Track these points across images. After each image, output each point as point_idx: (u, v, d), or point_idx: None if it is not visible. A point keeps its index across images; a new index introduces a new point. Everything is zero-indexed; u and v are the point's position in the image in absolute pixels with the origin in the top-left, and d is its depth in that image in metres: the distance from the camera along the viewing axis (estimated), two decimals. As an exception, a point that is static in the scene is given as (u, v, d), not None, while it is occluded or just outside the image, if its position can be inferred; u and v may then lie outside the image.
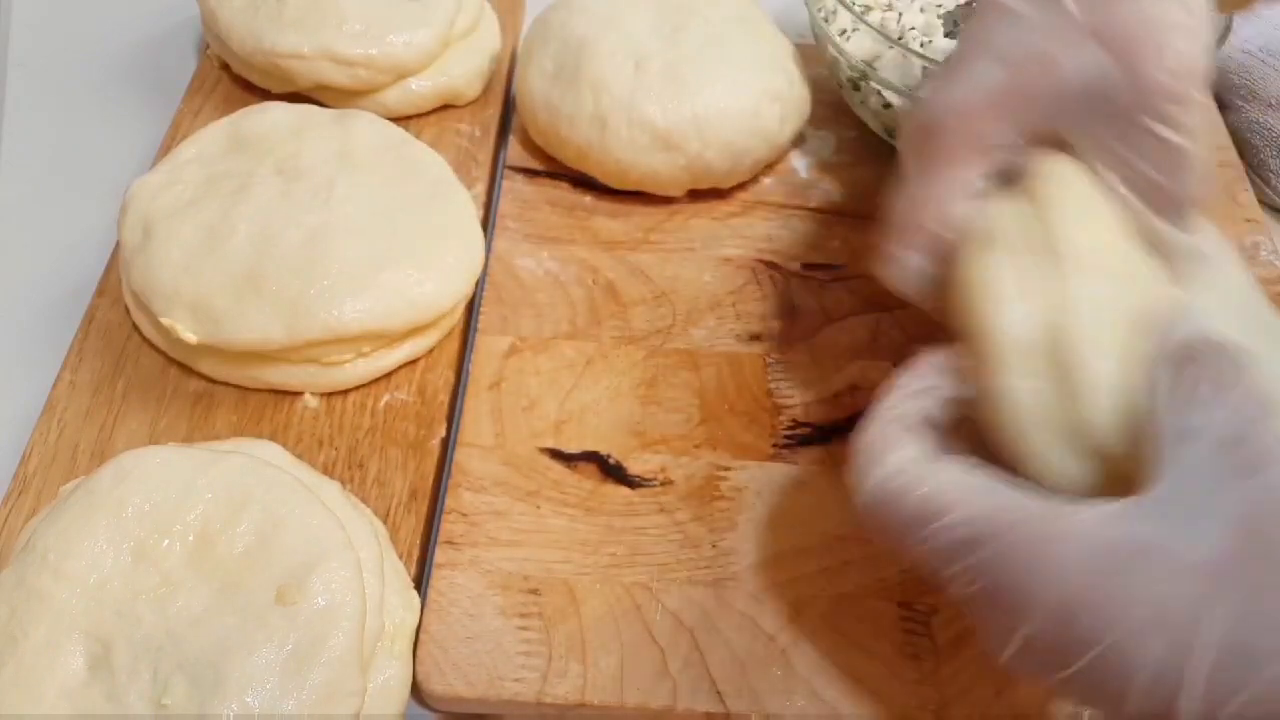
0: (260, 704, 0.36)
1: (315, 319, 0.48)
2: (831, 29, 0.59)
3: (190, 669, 0.37)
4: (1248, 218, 0.61)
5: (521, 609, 0.45)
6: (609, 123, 0.57)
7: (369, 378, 0.51)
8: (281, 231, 0.49)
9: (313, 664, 0.37)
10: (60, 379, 0.51)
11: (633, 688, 0.43)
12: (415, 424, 0.50)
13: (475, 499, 0.48)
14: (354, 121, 0.55)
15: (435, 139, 0.63)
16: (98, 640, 0.38)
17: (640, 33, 0.60)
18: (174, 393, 0.51)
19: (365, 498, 0.48)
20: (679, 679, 0.43)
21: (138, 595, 0.38)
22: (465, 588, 0.45)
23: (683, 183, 0.59)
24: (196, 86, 0.66)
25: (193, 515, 0.40)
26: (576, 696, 0.42)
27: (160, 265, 0.49)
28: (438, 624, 0.44)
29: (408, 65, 0.61)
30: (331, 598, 0.39)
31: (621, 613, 0.45)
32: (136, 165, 0.63)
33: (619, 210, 0.60)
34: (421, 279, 0.50)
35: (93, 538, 0.39)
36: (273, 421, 0.50)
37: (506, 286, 0.56)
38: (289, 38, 0.60)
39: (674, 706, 0.42)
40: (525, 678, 0.43)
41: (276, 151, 0.53)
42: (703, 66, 0.58)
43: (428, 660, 0.43)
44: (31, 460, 0.48)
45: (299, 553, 0.39)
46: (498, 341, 0.54)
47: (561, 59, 0.60)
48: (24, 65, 0.70)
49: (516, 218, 0.60)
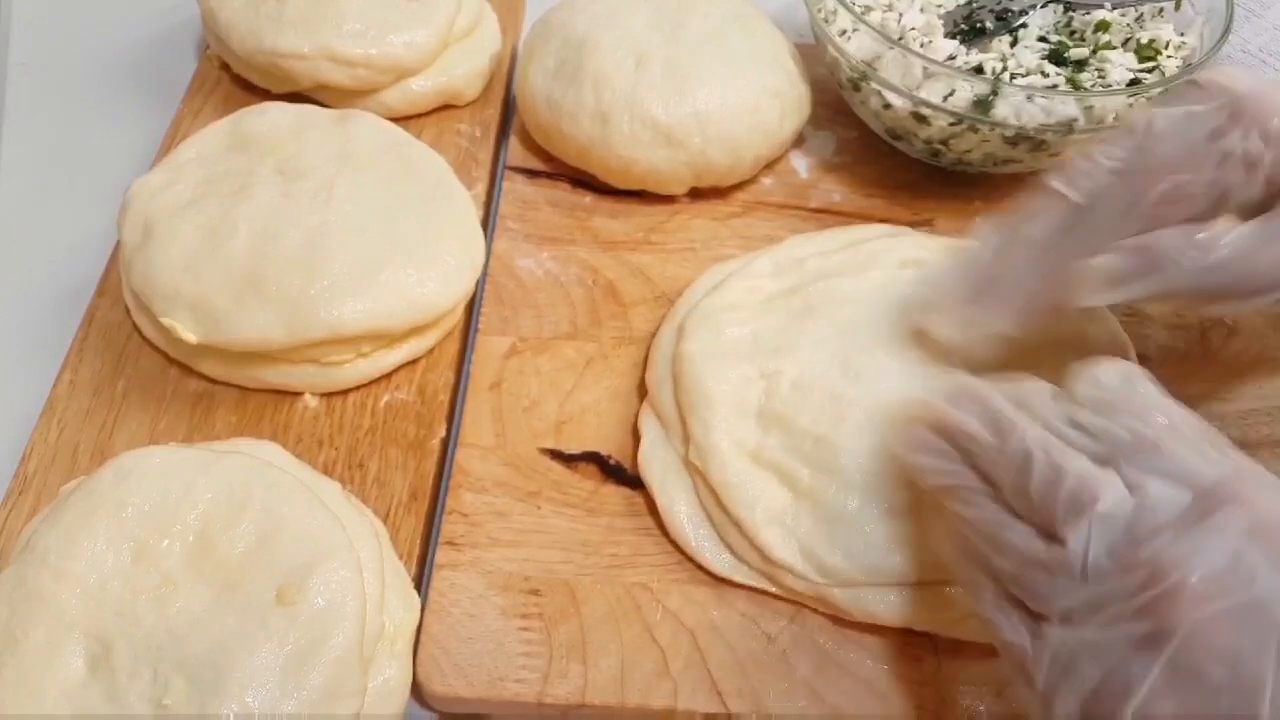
0: (260, 704, 0.36)
1: (315, 319, 0.48)
2: (832, 29, 0.59)
3: (190, 669, 0.37)
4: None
5: (522, 609, 0.45)
6: (611, 119, 0.57)
7: (369, 378, 0.51)
8: (282, 231, 0.49)
9: (313, 664, 0.37)
10: (60, 379, 0.51)
11: (633, 688, 0.43)
12: (415, 424, 0.50)
13: (476, 499, 0.48)
14: (354, 121, 0.55)
15: (435, 139, 0.63)
16: (98, 640, 0.38)
17: (640, 29, 0.60)
18: (174, 393, 0.51)
19: (365, 498, 0.48)
20: (680, 679, 0.43)
21: (138, 595, 0.38)
22: (466, 588, 0.45)
23: (684, 180, 0.59)
24: (196, 86, 0.66)
25: (193, 515, 0.40)
26: (577, 697, 0.42)
27: (160, 265, 0.49)
28: (438, 624, 0.44)
29: (408, 65, 0.61)
30: (331, 598, 0.39)
31: (622, 613, 0.45)
32: (136, 165, 0.63)
33: (619, 210, 0.60)
34: (421, 279, 0.50)
35: (93, 538, 0.39)
36: (273, 421, 0.50)
37: (507, 287, 0.56)
38: (289, 38, 0.60)
39: (675, 707, 0.42)
40: (526, 678, 0.43)
41: (276, 151, 0.53)
42: (703, 63, 0.58)
43: (428, 661, 0.43)
44: (31, 460, 0.48)
45: (299, 553, 0.39)
46: (498, 342, 0.54)
47: (563, 56, 0.60)
48: (24, 65, 0.70)
49: (517, 218, 0.60)
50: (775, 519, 0.45)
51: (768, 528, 0.45)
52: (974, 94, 0.55)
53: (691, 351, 0.49)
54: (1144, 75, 0.57)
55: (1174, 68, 0.57)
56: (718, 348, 0.50)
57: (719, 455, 0.47)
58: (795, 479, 0.46)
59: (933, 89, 0.56)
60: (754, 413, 0.48)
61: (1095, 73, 0.58)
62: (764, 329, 0.50)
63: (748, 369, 0.49)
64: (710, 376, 0.48)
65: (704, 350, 0.49)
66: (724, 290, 0.52)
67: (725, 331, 0.50)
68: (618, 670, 0.43)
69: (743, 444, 0.47)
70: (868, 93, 0.59)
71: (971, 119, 0.55)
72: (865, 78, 0.58)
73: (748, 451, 0.47)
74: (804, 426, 0.46)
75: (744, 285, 0.53)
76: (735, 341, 0.50)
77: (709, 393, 0.48)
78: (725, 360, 0.49)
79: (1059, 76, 0.57)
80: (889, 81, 0.57)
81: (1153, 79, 0.57)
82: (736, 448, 0.47)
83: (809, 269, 0.53)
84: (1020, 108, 0.54)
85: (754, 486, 0.46)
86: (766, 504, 0.46)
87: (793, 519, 0.45)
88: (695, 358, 0.49)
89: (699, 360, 0.49)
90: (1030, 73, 0.57)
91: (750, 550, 0.45)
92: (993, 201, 0.62)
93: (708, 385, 0.48)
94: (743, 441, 0.47)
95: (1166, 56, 0.58)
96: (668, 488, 0.48)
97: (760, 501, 0.46)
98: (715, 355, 0.49)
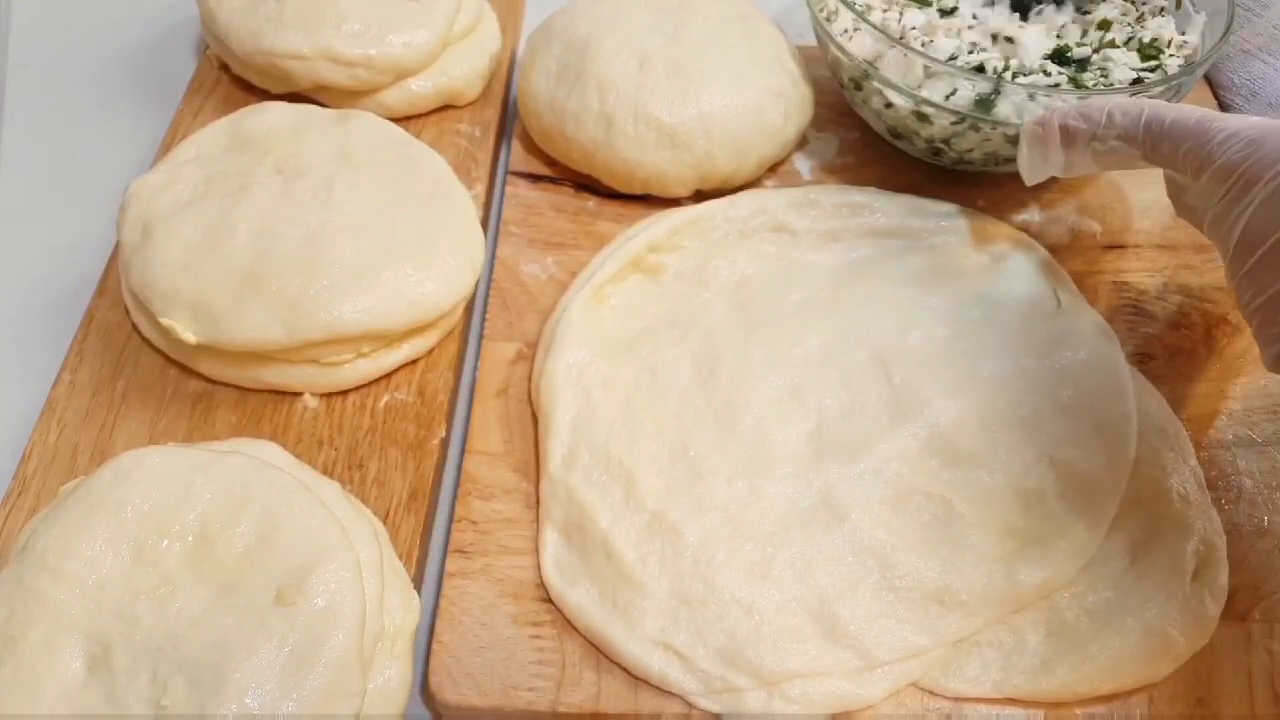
0: (260, 705, 0.36)
1: (315, 319, 0.48)
2: (833, 28, 0.59)
3: (190, 670, 0.37)
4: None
5: (534, 617, 0.44)
6: (615, 121, 0.57)
7: (369, 378, 0.51)
8: (281, 231, 0.49)
9: (312, 665, 0.37)
10: (60, 379, 0.51)
11: (647, 695, 0.42)
12: (415, 424, 0.50)
13: (485, 507, 0.48)
14: (354, 121, 0.55)
15: (435, 139, 0.62)
16: (97, 641, 0.37)
17: (642, 31, 0.60)
18: (174, 393, 0.51)
19: (365, 498, 0.47)
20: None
21: (137, 596, 0.38)
22: (477, 596, 0.45)
23: (689, 182, 0.59)
24: (196, 87, 0.66)
25: (192, 515, 0.40)
26: (591, 705, 0.42)
27: (160, 265, 0.48)
28: (450, 633, 0.43)
29: (407, 65, 0.61)
30: (331, 598, 0.39)
31: (633, 619, 0.44)
32: (136, 165, 0.63)
33: (623, 214, 0.60)
34: (421, 279, 0.50)
35: (92, 538, 0.39)
36: (273, 421, 0.50)
37: (512, 292, 0.56)
38: (288, 38, 0.60)
39: (689, 714, 0.42)
40: (539, 686, 0.42)
41: (276, 151, 0.53)
42: (706, 64, 0.58)
43: (440, 670, 0.42)
44: (31, 460, 0.48)
45: (299, 553, 0.39)
46: (504, 348, 0.54)
47: (565, 59, 0.60)
48: (24, 66, 0.70)
49: (520, 223, 0.59)
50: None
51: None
52: (976, 93, 0.55)
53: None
54: (1146, 74, 0.57)
55: (1176, 67, 0.57)
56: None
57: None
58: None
59: (934, 88, 0.56)
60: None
61: (1098, 72, 0.58)
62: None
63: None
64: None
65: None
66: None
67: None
68: (631, 678, 0.43)
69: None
70: (869, 92, 0.59)
71: (974, 118, 0.55)
72: (867, 77, 0.58)
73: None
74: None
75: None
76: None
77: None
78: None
79: (1061, 75, 0.57)
80: (891, 81, 0.57)
81: (1155, 78, 0.57)
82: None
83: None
84: (1022, 106, 0.54)
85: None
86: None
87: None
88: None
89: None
90: (1033, 71, 0.57)
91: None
92: (995, 202, 0.61)
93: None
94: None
95: (1169, 55, 0.58)
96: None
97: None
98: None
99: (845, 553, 0.45)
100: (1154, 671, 0.43)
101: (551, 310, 0.54)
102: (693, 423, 0.48)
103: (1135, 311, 0.56)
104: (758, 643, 0.42)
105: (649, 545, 0.45)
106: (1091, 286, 0.57)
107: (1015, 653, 0.43)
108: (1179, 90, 0.55)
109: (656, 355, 0.51)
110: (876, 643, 0.43)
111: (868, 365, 0.51)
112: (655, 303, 0.54)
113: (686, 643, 0.42)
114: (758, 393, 0.49)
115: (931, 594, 0.44)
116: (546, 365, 0.50)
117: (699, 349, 0.51)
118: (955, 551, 0.45)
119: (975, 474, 0.47)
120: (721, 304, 0.53)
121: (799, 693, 0.42)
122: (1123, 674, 0.43)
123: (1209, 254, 0.59)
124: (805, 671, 0.42)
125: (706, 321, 0.52)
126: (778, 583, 0.44)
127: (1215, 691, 0.43)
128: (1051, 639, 0.44)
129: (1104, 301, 0.57)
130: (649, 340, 0.52)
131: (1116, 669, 0.43)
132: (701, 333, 0.52)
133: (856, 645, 0.43)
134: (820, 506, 0.46)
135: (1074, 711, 0.43)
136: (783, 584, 0.44)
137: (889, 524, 0.46)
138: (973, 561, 0.45)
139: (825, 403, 0.49)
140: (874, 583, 0.44)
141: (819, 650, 0.42)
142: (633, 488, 0.46)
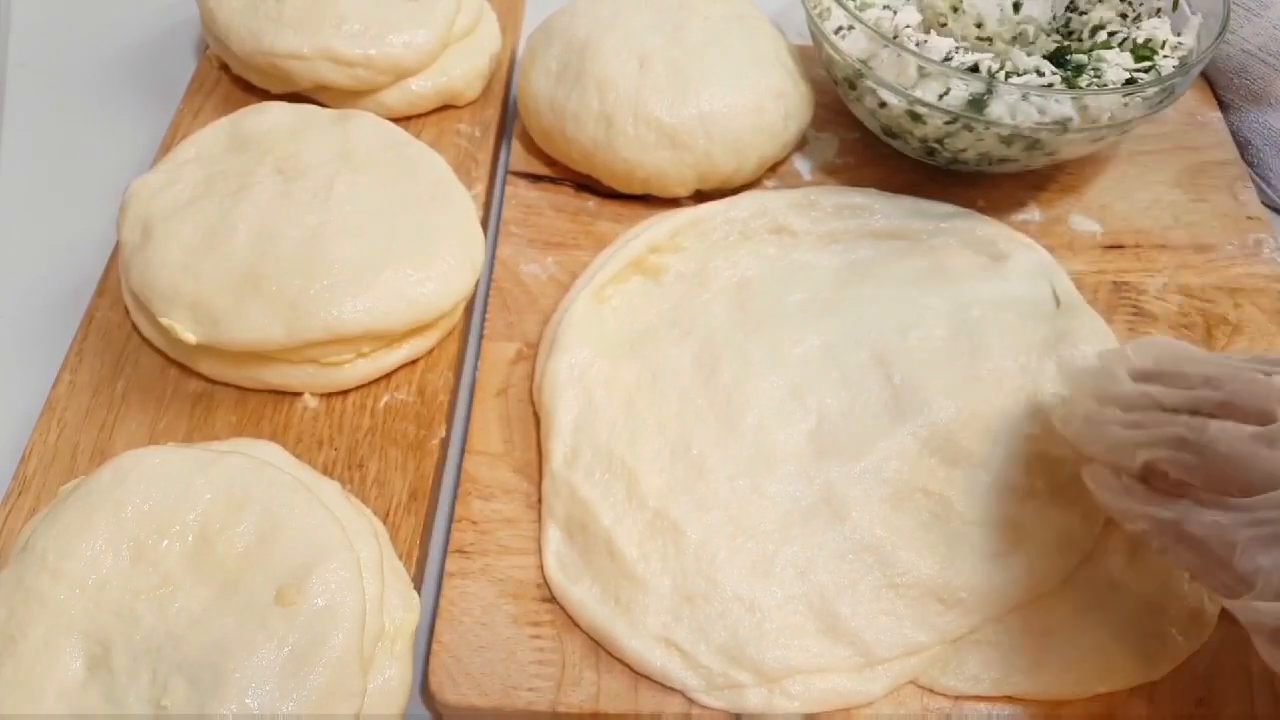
0: (260, 705, 0.36)
1: (315, 319, 0.48)
2: (827, 26, 0.59)
3: (190, 670, 0.37)
4: (1249, 215, 0.61)
5: (534, 618, 0.44)
6: (615, 121, 0.57)
7: (369, 378, 0.51)
8: (281, 231, 0.49)
9: (312, 665, 0.37)
10: (60, 379, 0.51)
11: (647, 695, 0.43)
12: (415, 424, 0.50)
13: (485, 507, 0.48)
14: (354, 121, 0.55)
15: (435, 139, 0.62)
16: (97, 641, 0.37)
17: (642, 31, 0.60)
18: (174, 393, 0.51)
19: (365, 498, 0.47)
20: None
21: (137, 596, 0.38)
22: (477, 596, 0.45)
23: (689, 182, 0.59)
24: (196, 87, 0.66)
25: (192, 515, 0.40)
26: (591, 705, 0.42)
27: (160, 265, 0.48)
28: (450, 633, 0.43)
29: (407, 65, 0.61)
30: (331, 598, 0.39)
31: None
32: (136, 165, 0.63)
33: (623, 214, 0.60)
34: (421, 279, 0.50)
35: (92, 538, 0.39)
36: (273, 421, 0.50)
37: (512, 293, 0.56)
38: (288, 38, 0.60)
39: (689, 713, 0.42)
40: (539, 687, 0.42)
41: (276, 151, 0.53)
42: (706, 64, 0.58)
43: (440, 670, 0.43)
44: (31, 460, 0.48)
45: (299, 553, 0.39)
46: (504, 348, 0.54)
47: (565, 59, 0.60)
48: (24, 65, 0.70)
49: (520, 223, 0.59)
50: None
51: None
52: (969, 93, 0.55)
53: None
54: (1140, 75, 0.57)
55: (1170, 67, 0.57)
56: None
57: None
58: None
59: (928, 88, 0.56)
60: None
61: (1092, 73, 0.58)
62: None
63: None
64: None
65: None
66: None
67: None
68: (631, 677, 0.43)
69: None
70: (863, 91, 0.59)
71: (966, 118, 0.55)
72: (860, 76, 0.58)
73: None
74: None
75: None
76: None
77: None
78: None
79: (1055, 76, 0.57)
80: (884, 80, 0.57)
81: (1149, 79, 0.57)
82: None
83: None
84: (1015, 107, 0.54)
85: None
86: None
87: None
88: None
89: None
90: (1027, 72, 0.57)
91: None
92: (995, 202, 0.62)
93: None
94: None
95: (1163, 56, 0.58)
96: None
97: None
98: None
99: (846, 550, 0.45)
100: (1153, 671, 0.43)
101: (552, 310, 0.54)
102: (694, 422, 0.49)
103: (1135, 311, 0.56)
104: (759, 639, 0.42)
105: (651, 543, 0.45)
106: (1091, 286, 0.57)
107: (1014, 651, 0.44)
108: (1173, 91, 0.55)
109: (658, 355, 0.51)
110: (876, 639, 0.43)
111: (868, 365, 0.51)
112: (656, 303, 0.54)
113: (688, 639, 0.43)
114: (759, 392, 0.50)
115: (931, 591, 0.44)
116: (548, 365, 0.50)
117: (700, 349, 0.51)
118: (954, 549, 0.45)
119: (974, 472, 0.47)
120: (722, 304, 0.53)
121: (800, 689, 0.42)
122: (1122, 673, 0.43)
123: (1209, 254, 0.59)
124: (806, 668, 0.42)
125: (707, 322, 0.53)
126: (779, 580, 0.44)
127: (1215, 691, 0.43)
128: (1050, 637, 0.44)
129: (1104, 301, 0.57)
130: (650, 341, 0.52)
131: (1115, 668, 0.43)
132: (702, 333, 0.52)
133: (857, 642, 0.43)
134: (821, 505, 0.46)
135: (1073, 710, 0.43)
136: (784, 581, 0.44)
137: (889, 522, 0.46)
138: (971, 559, 0.45)
139: (826, 402, 0.50)
140: (874, 580, 0.44)
141: (820, 647, 0.43)
142: (635, 486, 0.46)
